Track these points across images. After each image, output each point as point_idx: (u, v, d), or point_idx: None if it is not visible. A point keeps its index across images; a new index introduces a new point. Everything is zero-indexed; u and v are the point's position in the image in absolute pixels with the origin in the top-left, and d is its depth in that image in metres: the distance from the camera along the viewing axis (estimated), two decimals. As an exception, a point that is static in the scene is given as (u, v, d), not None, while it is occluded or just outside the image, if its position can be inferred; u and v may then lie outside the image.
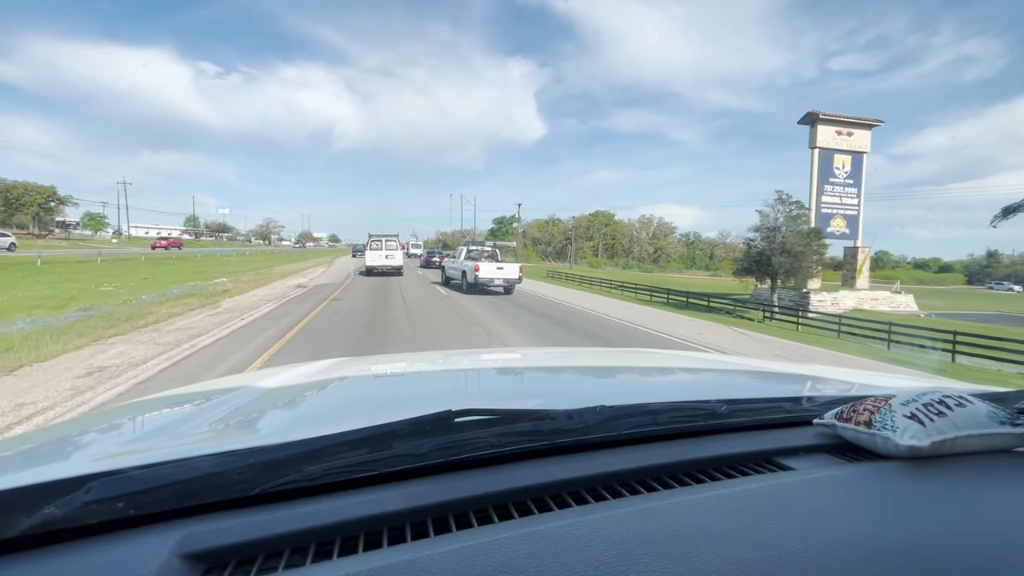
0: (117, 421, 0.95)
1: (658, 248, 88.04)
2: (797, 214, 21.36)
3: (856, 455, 0.73)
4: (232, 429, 0.86)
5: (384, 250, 21.38)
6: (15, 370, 4.89)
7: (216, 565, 0.47)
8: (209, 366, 5.49)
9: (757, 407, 0.87)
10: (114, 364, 5.31)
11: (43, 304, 9.48)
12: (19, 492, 0.49)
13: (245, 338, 7.12)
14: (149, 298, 10.87)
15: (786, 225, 20.86)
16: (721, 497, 0.58)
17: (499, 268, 15.11)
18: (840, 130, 24.47)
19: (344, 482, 0.59)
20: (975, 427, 0.67)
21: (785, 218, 20.93)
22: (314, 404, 1.10)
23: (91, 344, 6.18)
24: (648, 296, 22.65)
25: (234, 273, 20.03)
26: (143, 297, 11.03)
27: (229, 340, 6.97)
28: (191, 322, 8.18)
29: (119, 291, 12.32)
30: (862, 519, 0.52)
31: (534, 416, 0.70)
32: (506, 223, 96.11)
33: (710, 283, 48.30)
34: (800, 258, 19.95)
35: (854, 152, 24.78)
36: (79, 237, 61.41)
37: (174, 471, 0.53)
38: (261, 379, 1.27)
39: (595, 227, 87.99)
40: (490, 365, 1.73)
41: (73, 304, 9.55)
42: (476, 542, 0.48)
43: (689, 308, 19.23)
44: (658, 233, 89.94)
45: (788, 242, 20.15)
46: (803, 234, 20.70)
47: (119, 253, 33.83)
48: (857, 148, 24.79)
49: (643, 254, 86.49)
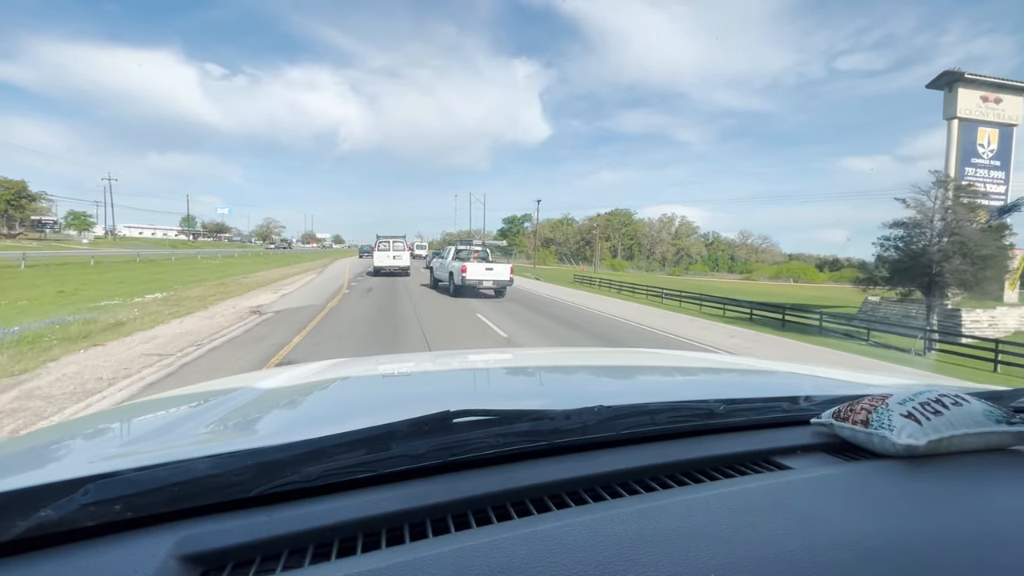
0: (114, 423, 0.94)
1: (680, 249, 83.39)
2: (971, 203, 14.45)
3: (853, 454, 0.73)
4: (230, 430, 0.86)
5: (391, 251, 21.23)
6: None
7: (214, 567, 0.47)
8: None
9: (755, 407, 0.87)
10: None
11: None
12: (15, 495, 0.49)
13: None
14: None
15: (958, 218, 14.06)
16: (719, 497, 0.58)
17: (488, 269, 13.98)
18: (987, 95, 18.71)
19: (342, 483, 0.59)
20: (971, 426, 0.67)
21: (954, 207, 14.15)
22: (312, 405, 1.09)
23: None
24: (719, 309, 17.81)
25: (190, 284, 14.91)
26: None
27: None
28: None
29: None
30: (860, 518, 0.52)
31: (532, 416, 0.70)
32: (516, 223, 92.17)
33: (759, 289, 42.79)
34: (986, 263, 13.52)
35: (1003, 124, 19.02)
36: (58, 237, 55.60)
37: (171, 473, 0.53)
38: (259, 380, 1.27)
39: (612, 227, 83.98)
40: (488, 365, 1.70)
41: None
42: (475, 543, 0.48)
43: (786, 328, 14.57)
44: (680, 233, 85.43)
45: (970, 241, 13.49)
46: (990, 230, 14.26)
47: (76, 255, 27.98)
48: (1007, 119, 19.01)
49: (665, 255, 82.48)
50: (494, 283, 13.95)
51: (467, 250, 15.30)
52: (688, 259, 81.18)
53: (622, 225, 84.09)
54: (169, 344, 6.71)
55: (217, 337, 7.33)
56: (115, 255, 30.56)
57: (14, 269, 17.63)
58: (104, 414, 1.03)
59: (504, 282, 14.12)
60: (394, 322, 9.46)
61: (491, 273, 13.92)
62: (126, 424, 0.92)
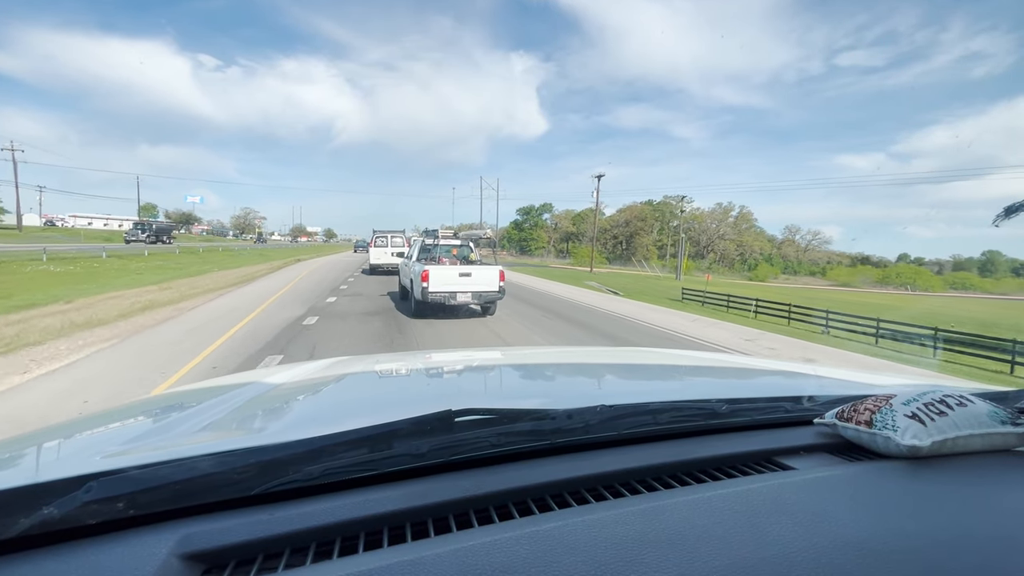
0: (116, 420, 0.94)
1: (741, 245, 66.78)
2: None
3: (857, 455, 0.73)
4: (232, 429, 0.85)
5: (389, 247, 18.87)
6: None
7: (215, 565, 0.47)
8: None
9: (758, 406, 0.87)
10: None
11: None
12: (18, 492, 0.49)
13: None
14: None
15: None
16: (722, 497, 0.58)
17: (463, 276, 8.57)
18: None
19: (344, 482, 0.59)
20: (976, 427, 0.67)
21: None
22: (314, 403, 1.09)
23: None
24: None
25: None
26: None
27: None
28: None
29: None
30: (863, 519, 0.52)
31: (534, 416, 0.70)
32: (534, 214, 79.98)
33: (911, 304, 31.31)
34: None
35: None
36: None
37: (173, 471, 0.53)
38: (261, 378, 1.26)
39: (655, 218, 68.33)
40: (490, 364, 1.69)
41: None
42: (477, 542, 0.48)
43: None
44: (738, 226, 67.75)
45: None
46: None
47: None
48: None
49: (726, 253, 66.79)
50: (474, 296, 8.71)
51: (435, 245, 10.00)
52: (752, 259, 65.50)
53: (670, 216, 68.31)
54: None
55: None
56: (14, 251, 20.52)
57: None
58: (107, 412, 1.04)
59: (492, 295, 8.88)
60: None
61: (468, 282, 8.61)
62: (128, 422, 0.93)
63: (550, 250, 74.03)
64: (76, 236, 42.37)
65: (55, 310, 8.44)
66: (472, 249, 10.56)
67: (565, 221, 75.86)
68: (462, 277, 8.60)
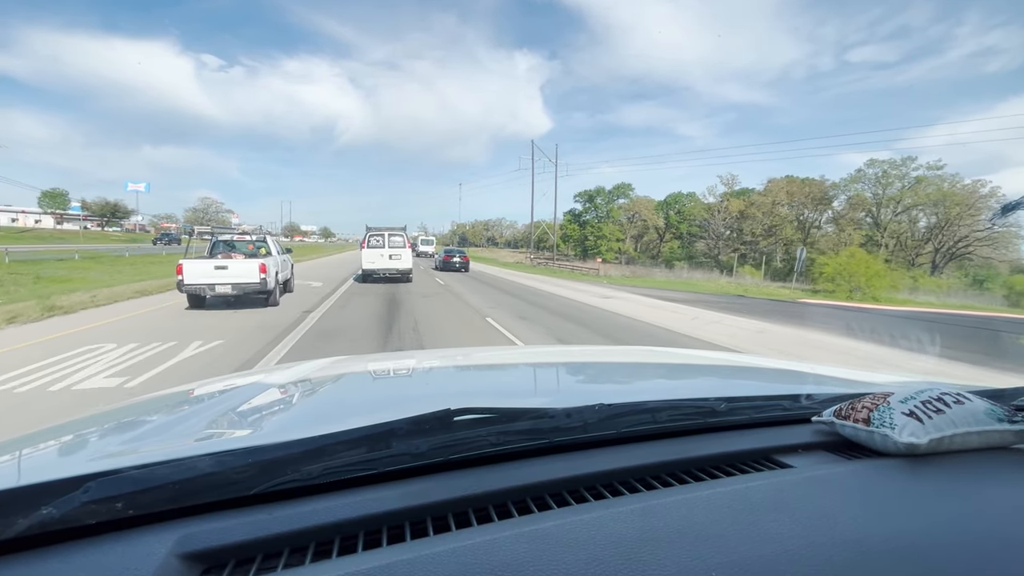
0: (115, 420, 0.94)
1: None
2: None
3: (855, 452, 0.73)
4: (231, 428, 0.85)
5: (386, 248, 14.59)
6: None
7: (215, 565, 0.47)
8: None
9: (756, 405, 0.87)
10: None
11: None
12: (17, 492, 0.49)
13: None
14: None
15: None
16: (721, 495, 0.58)
17: (219, 268, 8.48)
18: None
19: (343, 481, 0.59)
20: (973, 424, 0.67)
21: None
22: (313, 403, 1.09)
23: None
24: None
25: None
26: None
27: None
28: None
29: None
30: (861, 517, 0.52)
31: (533, 415, 0.70)
32: (605, 199, 53.42)
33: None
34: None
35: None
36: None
37: (172, 471, 0.53)
38: (260, 378, 1.26)
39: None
40: (489, 363, 1.69)
41: None
42: (476, 541, 0.48)
43: None
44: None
45: None
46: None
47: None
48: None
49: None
50: (233, 287, 8.51)
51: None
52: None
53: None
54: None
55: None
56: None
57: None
58: (105, 412, 1.05)
59: (253, 286, 8.62)
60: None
61: (226, 274, 8.57)
62: (127, 422, 0.93)
63: (636, 258, 48.21)
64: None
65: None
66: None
67: (649, 211, 50.20)
68: (218, 270, 8.65)
